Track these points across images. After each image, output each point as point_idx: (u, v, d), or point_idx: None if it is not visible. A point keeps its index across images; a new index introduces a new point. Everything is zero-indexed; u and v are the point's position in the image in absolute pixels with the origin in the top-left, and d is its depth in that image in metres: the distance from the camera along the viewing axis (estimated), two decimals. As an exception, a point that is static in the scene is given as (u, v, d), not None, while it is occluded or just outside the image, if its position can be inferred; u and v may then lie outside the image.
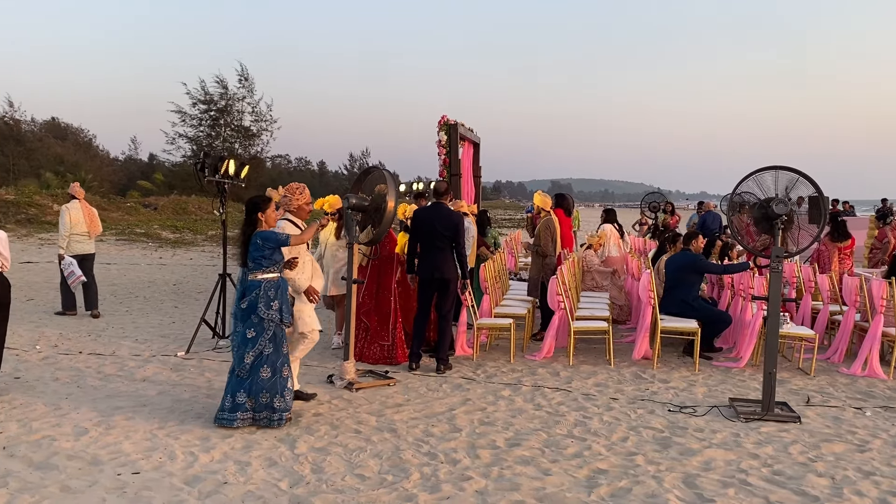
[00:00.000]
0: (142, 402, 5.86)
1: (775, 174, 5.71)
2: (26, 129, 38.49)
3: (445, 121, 11.27)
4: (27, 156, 35.56)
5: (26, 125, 39.09)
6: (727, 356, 7.88)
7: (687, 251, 8.16)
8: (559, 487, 4.27)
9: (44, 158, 35.99)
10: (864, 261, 14.04)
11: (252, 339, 5.20)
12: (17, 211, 22.59)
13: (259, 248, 5.20)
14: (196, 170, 8.00)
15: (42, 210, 23.42)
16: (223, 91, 39.46)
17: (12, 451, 4.73)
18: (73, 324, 9.25)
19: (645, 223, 18.24)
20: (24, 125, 38.51)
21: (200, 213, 28.41)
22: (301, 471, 4.47)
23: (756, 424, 5.52)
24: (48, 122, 43.74)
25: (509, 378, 6.88)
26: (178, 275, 15.02)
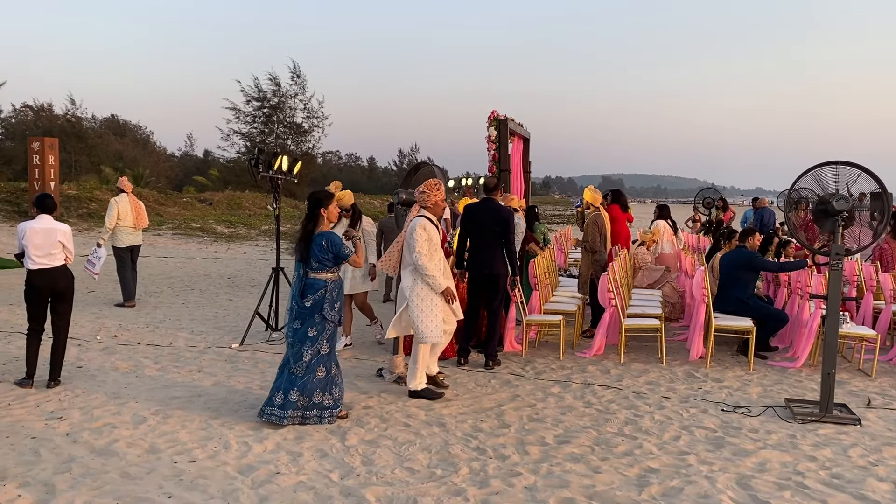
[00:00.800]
0: (197, 393, 6.00)
1: (836, 169, 5.55)
2: (87, 127, 39.66)
3: (495, 116, 11.24)
4: (88, 152, 36.63)
5: (87, 122, 40.28)
6: (783, 356, 7.70)
7: (742, 248, 7.98)
8: (609, 485, 4.24)
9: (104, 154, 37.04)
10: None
11: (312, 337, 5.25)
12: (78, 206, 23.30)
13: (323, 249, 5.24)
14: (250, 166, 8.14)
15: (102, 205, 24.08)
16: (276, 88, 40.07)
17: (75, 437, 4.90)
18: (132, 315, 9.52)
19: (698, 220, 17.91)
20: (85, 122, 39.68)
21: (254, 209, 28.90)
22: (351, 462, 4.53)
23: (813, 426, 5.38)
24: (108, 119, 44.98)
25: (559, 375, 6.84)
26: (232, 268, 15.33)
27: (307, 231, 5.29)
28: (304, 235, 5.29)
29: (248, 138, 39.93)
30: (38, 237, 5.99)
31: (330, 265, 5.30)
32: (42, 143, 20.02)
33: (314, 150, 42.73)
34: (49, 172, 20.00)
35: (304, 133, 41.30)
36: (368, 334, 8.63)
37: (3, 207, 21.18)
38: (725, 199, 17.18)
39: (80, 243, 17.99)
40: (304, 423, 5.20)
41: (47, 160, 19.95)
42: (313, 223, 5.30)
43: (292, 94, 40.50)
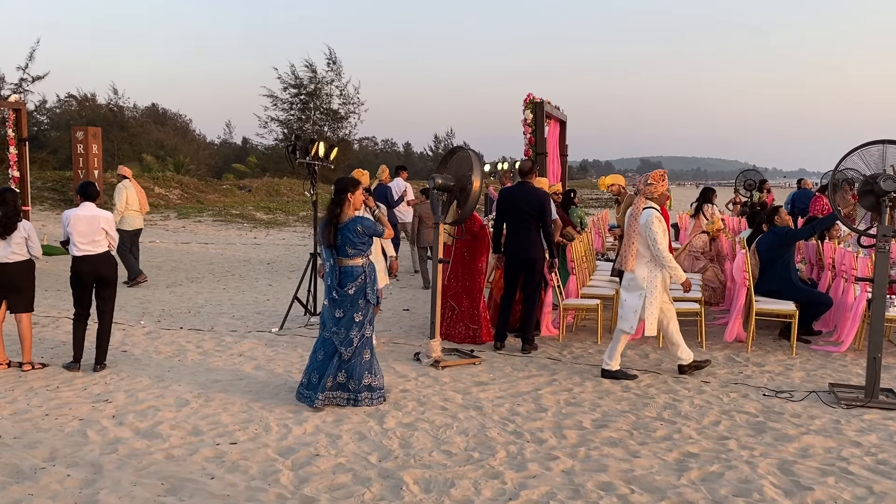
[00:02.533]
0: (238, 376, 6.11)
1: (882, 148, 5.39)
2: (129, 116, 40.36)
3: (531, 99, 11.15)
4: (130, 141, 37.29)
5: (129, 111, 40.99)
6: (827, 340, 7.54)
7: (774, 227, 7.82)
8: (648, 470, 4.21)
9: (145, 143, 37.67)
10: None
11: (359, 322, 5.32)
12: (122, 193, 23.74)
13: (359, 234, 5.29)
14: (288, 152, 8.21)
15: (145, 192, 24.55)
16: (312, 75, 40.26)
17: (121, 419, 5.02)
18: (174, 300, 9.71)
19: (738, 202, 17.59)
20: (126, 112, 40.39)
21: (292, 195, 29.18)
22: (390, 445, 4.57)
23: (858, 411, 5.28)
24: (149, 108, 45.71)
25: (596, 359, 6.80)
26: (271, 254, 15.51)
27: (335, 216, 5.31)
28: (331, 221, 5.32)
29: (286, 125, 40.26)
30: (81, 224, 6.12)
31: (365, 249, 5.34)
32: (86, 133, 20.44)
33: (350, 137, 42.93)
34: (92, 161, 20.41)
35: (340, 119, 41.49)
36: (405, 318, 8.68)
37: (49, 196, 21.70)
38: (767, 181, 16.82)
39: (123, 230, 18.35)
40: (356, 404, 5.27)
41: (91, 149, 20.36)
42: (339, 209, 5.32)
43: (328, 80, 40.67)
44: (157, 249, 15.78)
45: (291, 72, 40.07)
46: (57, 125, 36.30)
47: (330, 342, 5.32)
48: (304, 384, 5.39)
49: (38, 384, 5.83)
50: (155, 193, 25.01)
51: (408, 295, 10.45)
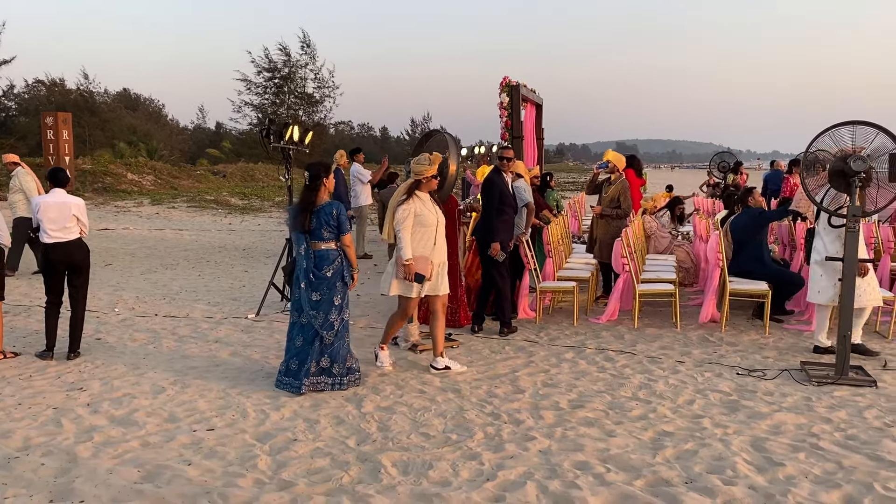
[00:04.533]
0: (215, 363, 6.07)
1: (853, 129, 5.46)
2: (100, 101, 39.71)
3: (507, 82, 11.14)
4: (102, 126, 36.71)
5: (100, 97, 40.33)
6: (799, 319, 7.66)
7: (748, 209, 7.91)
8: (624, 449, 4.26)
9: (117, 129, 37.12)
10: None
11: (339, 305, 5.33)
12: (93, 180, 23.44)
13: (335, 218, 5.27)
14: (262, 136, 8.13)
15: (117, 178, 24.25)
16: (286, 59, 39.90)
17: (96, 407, 4.98)
18: (149, 288, 9.61)
19: (713, 184, 17.76)
20: (97, 97, 39.73)
21: (267, 180, 28.98)
22: (368, 429, 4.58)
23: (829, 388, 5.37)
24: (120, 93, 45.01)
25: (573, 341, 6.85)
26: (246, 240, 15.40)
27: (308, 202, 5.28)
28: (305, 206, 5.28)
29: (260, 109, 39.92)
30: (52, 211, 6.03)
31: (338, 234, 5.34)
32: (55, 118, 20.10)
33: (326, 121, 42.65)
34: (63, 147, 20.10)
35: (315, 103, 41.23)
36: (382, 302, 8.67)
37: (19, 183, 21.31)
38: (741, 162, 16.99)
39: (95, 217, 18.13)
40: (340, 388, 5.30)
41: (61, 135, 20.04)
42: (314, 193, 5.29)
43: (302, 64, 40.35)
44: (131, 236, 15.60)
45: (265, 55, 39.69)
46: (26, 111, 35.65)
47: (309, 327, 5.30)
48: (283, 371, 5.37)
49: (11, 373, 5.76)
50: (128, 180, 24.72)
51: (385, 279, 10.43)
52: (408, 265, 5.66)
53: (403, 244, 5.67)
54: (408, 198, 5.79)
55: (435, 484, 3.81)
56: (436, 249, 5.81)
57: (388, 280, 5.88)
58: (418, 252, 5.72)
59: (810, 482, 3.82)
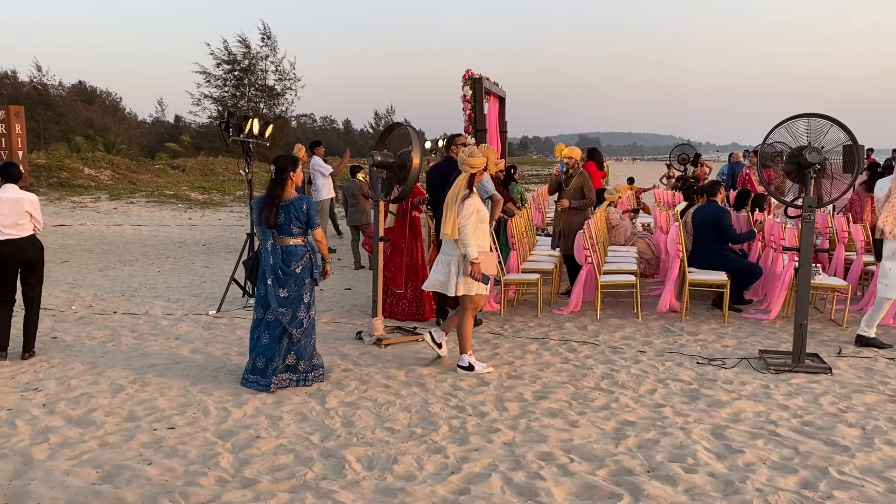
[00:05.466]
0: (175, 360, 5.98)
1: (808, 121, 5.57)
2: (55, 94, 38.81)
3: (470, 75, 11.12)
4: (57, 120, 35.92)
5: (54, 89, 39.42)
6: (757, 308, 7.81)
7: (713, 202, 8.03)
8: (587, 439, 4.30)
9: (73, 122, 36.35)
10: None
11: (307, 302, 5.28)
12: (48, 175, 22.89)
13: (305, 213, 5.21)
14: (221, 130, 8.01)
15: (73, 174, 23.72)
16: (246, 50, 39.31)
17: (52, 407, 4.87)
18: (107, 284, 9.42)
19: (672, 175, 18.00)
20: (52, 89, 38.83)
21: (228, 174, 28.57)
22: (332, 424, 4.55)
23: (786, 376, 5.49)
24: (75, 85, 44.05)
25: (537, 332, 6.89)
26: (207, 235, 15.19)
27: (274, 195, 5.20)
28: (271, 200, 5.20)
29: (220, 102, 39.28)
30: (4, 207, 5.86)
31: (307, 228, 5.28)
32: (7, 111, 19.53)
33: (287, 114, 42.17)
34: (16, 141, 19.55)
35: (276, 96, 40.68)
36: (347, 297, 8.63)
37: (-30, 178, 20.74)
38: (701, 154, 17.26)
39: (50, 213, 17.72)
40: (304, 384, 5.26)
41: (13, 129, 19.49)
42: (281, 188, 5.21)
43: (263, 56, 39.79)
44: (88, 232, 15.28)
45: (224, 47, 39.07)
46: (-25, 104, 34.66)
47: (275, 324, 5.21)
48: (248, 369, 5.29)
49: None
50: (85, 175, 24.19)
51: (349, 274, 10.39)
52: (476, 264, 5.49)
53: (469, 243, 5.47)
54: (470, 193, 5.61)
55: (399, 478, 3.80)
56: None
57: (451, 279, 5.59)
58: (482, 249, 5.56)
59: (768, 468, 3.89)
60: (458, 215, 5.51)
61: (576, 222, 8.31)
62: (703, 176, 16.85)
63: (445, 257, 5.70)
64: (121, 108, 46.45)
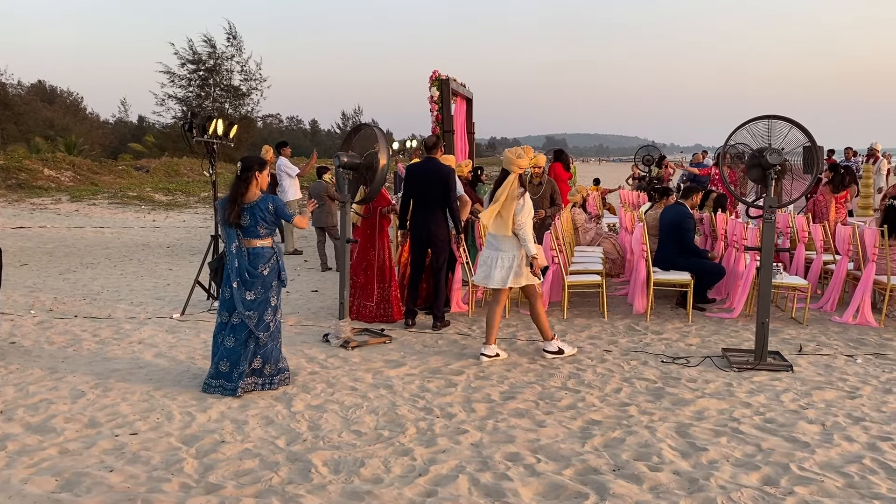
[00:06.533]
0: (138, 365, 5.88)
1: (768, 123, 5.67)
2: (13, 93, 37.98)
3: (437, 76, 11.12)
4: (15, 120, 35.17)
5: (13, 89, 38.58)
6: (720, 307, 7.92)
7: (681, 206, 8.12)
8: (553, 439, 4.32)
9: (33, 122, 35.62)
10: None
11: (275, 306, 5.23)
12: (6, 176, 22.40)
13: (271, 213, 5.14)
14: (184, 130, 7.90)
15: (33, 175, 23.25)
16: (211, 50, 38.92)
17: (9, 414, 4.75)
18: (68, 288, 9.24)
19: (637, 176, 18.20)
20: (10, 89, 37.99)
21: (192, 175, 28.22)
22: (298, 428, 4.51)
23: (749, 374, 5.57)
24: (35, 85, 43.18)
25: (504, 333, 6.91)
26: (171, 237, 14.98)
27: (237, 194, 5.11)
28: (234, 198, 5.10)
29: (185, 103, 38.85)
30: (-41, 209, 5.72)
31: (275, 230, 5.23)
32: (-37, 112, 19.08)
33: (253, 114, 41.83)
34: (-28, 142, 19.10)
35: (242, 96, 40.35)
36: (314, 299, 8.57)
37: (-76, 180, 20.22)
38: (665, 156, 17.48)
39: (9, 215, 17.35)
40: (270, 388, 5.21)
41: (-30, 129, 19.04)
42: (245, 187, 5.12)
43: (228, 56, 39.44)
44: (48, 235, 14.97)
45: (189, 47, 38.62)
46: (-71, 104, 33.82)
47: (241, 327, 5.13)
48: (212, 374, 5.19)
49: (-84, 381, 5.45)
50: (45, 176, 23.72)
51: (316, 276, 10.32)
52: (536, 261, 5.85)
53: (530, 239, 5.82)
54: (525, 192, 5.87)
55: (366, 481, 3.78)
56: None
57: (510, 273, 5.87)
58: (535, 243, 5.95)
59: (731, 465, 3.95)
60: (517, 214, 5.79)
61: (544, 225, 8.35)
62: (668, 177, 17.07)
63: (497, 253, 5.94)
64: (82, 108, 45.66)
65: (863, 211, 15.09)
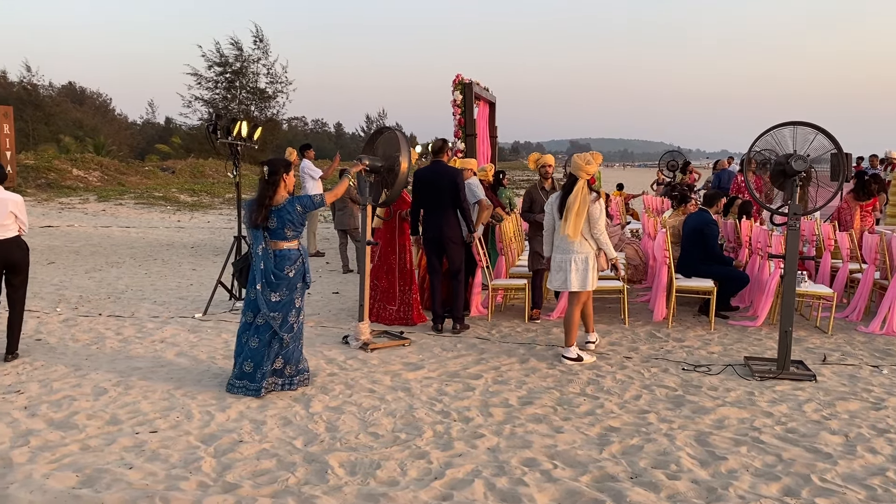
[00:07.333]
0: (160, 363, 5.94)
1: (793, 130, 5.60)
2: (44, 94, 38.62)
3: (460, 80, 11.14)
4: (46, 121, 35.74)
5: (44, 90, 39.24)
6: (744, 315, 7.83)
7: (705, 212, 8.04)
8: (571, 445, 4.30)
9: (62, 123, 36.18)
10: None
11: (299, 307, 5.26)
12: (37, 175, 22.77)
13: (300, 214, 5.18)
14: (208, 132, 7.98)
15: (62, 174, 23.61)
16: (238, 53, 39.31)
17: (33, 410, 4.82)
18: (93, 287, 9.37)
19: (662, 182, 18.08)
20: (42, 90, 38.64)
21: (217, 177, 28.51)
22: (315, 429, 4.53)
23: (771, 383, 5.50)
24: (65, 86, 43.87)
25: (524, 338, 6.89)
26: (195, 237, 15.14)
27: (264, 197, 5.16)
28: (261, 201, 5.15)
29: (211, 105, 39.24)
30: (-12, 208, 5.82)
31: (302, 231, 5.28)
32: (-5, 112, 19.44)
33: (279, 116, 42.15)
34: (4, 141, 19.46)
35: (267, 98, 40.69)
36: (334, 301, 8.61)
37: (-43, 178, 20.60)
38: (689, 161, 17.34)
39: (38, 214, 17.63)
40: (290, 388, 5.26)
41: (2, 129, 19.40)
42: (272, 190, 5.17)
43: (255, 58, 39.81)
44: (76, 233, 15.20)
45: (216, 49, 39.04)
46: (-36, 104, 34.46)
47: (265, 328, 5.16)
48: (236, 374, 5.21)
49: (-56, 376, 5.55)
50: (73, 176, 24.08)
51: (338, 278, 10.37)
52: (618, 261, 6.23)
53: (607, 242, 6.13)
54: (598, 196, 6.15)
55: (382, 484, 3.79)
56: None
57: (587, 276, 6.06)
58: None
59: (751, 475, 3.90)
60: (595, 219, 6.05)
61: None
62: (692, 182, 16.93)
63: (570, 256, 6.08)
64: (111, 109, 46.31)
65: (892, 219, 14.86)
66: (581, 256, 6.05)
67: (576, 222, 5.99)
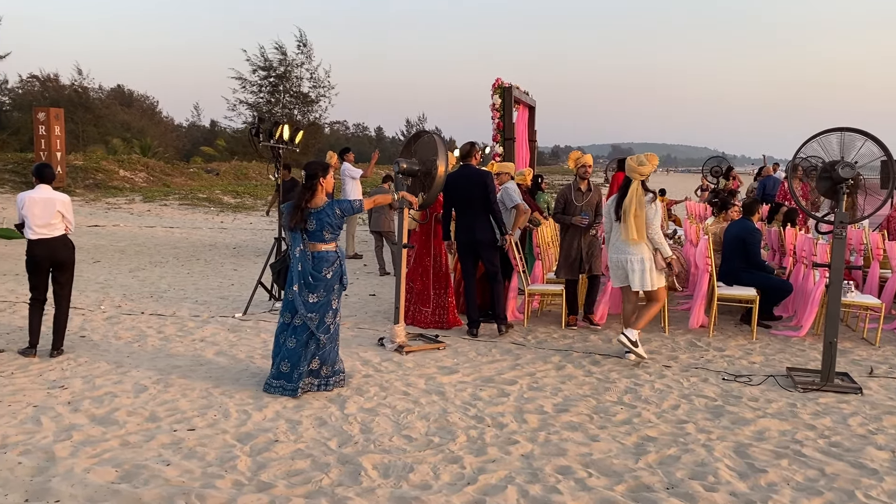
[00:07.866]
0: (199, 362, 6.03)
1: (841, 136, 5.46)
2: (94, 97, 39.58)
3: (499, 83, 11.12)
4: (95, 122, 36.62)
5: (94, 93, 40.20)
6: (787, 325, 7.66)
7: (747, 220, 7.88)
8: (606, 454, 4.24)
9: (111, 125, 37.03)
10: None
11: (336, 308, 5.30)
12: (85, 176, 23.34)
13: (339, 217, 5.22)
14: (251, 135, 8.09)
15: (109, 175, 24.16)
16: (282, 57, 39.76)
17: (76, 405, 4.93)
18: (136, 285, 9.56)
19: (707, 188, 17.80)
20: (91, 93, 39.60)
21: (260, 179, 28.91)
22: (350, 430, 4.55)
23: (814, 395, 5.36)
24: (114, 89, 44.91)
25: (560, 344, 6.83)
26: (237, 238, 15.35)
27: (303, 201, 5.20)
28: (299, 205, 5.19)
29: (255, 108, 39.78)
30: (37, 207, 5.98)
31: (339, 234, 5.31)
32: (48, 114, 20.00)
33: (321, 120, 42.53)
34: (55, 143, 19.99)
35: (310, 103, 41.07)
36: (371, 303, 8.64)
37: (10, 178, 21.24)
38: (732, 167, 17.04)
39: (86, 213, 18.07)
40: (325, 388, 5.30)
41: (53, 130, 19.94)
42: (311, 193, 5.21)
43: (298, 63, 40.22)
44: (121, 233, 15.54)
45: (261, 54, 39.56)
46: (19, 106, 35.56)
47: (303, 328, 5.21)
48: (273, 374, 5.27)
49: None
50: (120, 176, 24.63)
51: (374, 280, 10.41)
52: (672, 260, 6.26)
53: (664, 243, 6.21)
54: (655, 197, 6.24)
55: (415, 487, 3.78)
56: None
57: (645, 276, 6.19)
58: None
59: (792, 489, 3.80)
60: (650, 219, 6.12)
61: (596, 243, 7.71)
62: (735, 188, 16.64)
63: (627, 256, 6.21)
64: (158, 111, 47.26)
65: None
66: (637, 257, 6.15)
67: (636, 225, 6.07)
